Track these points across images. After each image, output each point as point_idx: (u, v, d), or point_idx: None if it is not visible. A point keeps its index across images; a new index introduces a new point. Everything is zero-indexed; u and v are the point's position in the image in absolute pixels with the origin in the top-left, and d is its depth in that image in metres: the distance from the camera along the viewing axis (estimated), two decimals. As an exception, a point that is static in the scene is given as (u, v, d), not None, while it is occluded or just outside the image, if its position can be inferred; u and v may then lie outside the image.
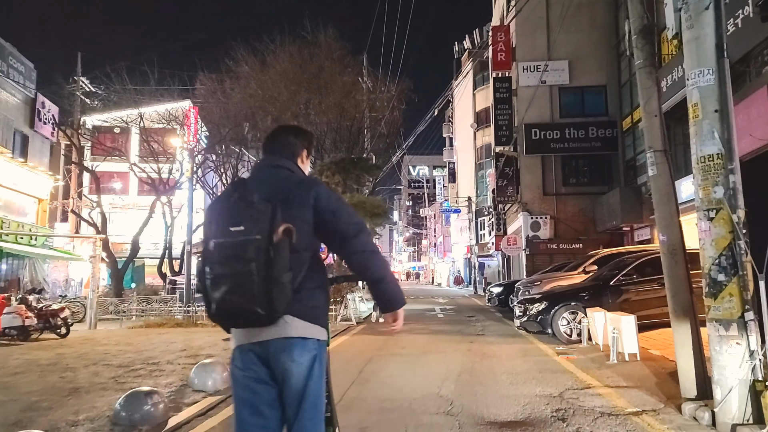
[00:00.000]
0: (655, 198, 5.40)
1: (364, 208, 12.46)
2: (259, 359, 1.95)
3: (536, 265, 21.23)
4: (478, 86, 43.64)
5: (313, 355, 1.96)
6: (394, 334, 11.39)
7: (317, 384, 1.97)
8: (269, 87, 19.30)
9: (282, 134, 2.28)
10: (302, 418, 1.92)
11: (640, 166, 19.30)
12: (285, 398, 1.95)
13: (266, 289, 1.78)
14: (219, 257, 1.84)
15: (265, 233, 1.80)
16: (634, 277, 9.42)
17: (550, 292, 10.45)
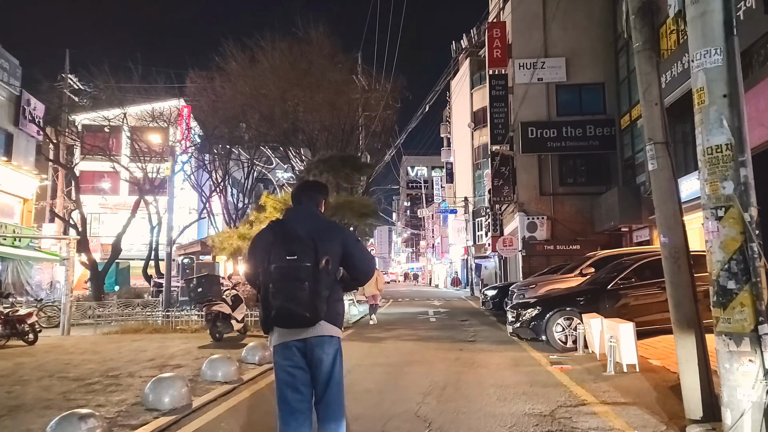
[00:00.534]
0: (656, 195, 4.86)
1: (352, 207, 11.93)
2: (299, 351, 2.73)
3: (533, 267, 20.70)
4: (475, 85, 43.10)
5: (336, 349, 2.81)
6: (381, 340, 10.85)
7: (339, 369, 2.82)
8: (257, 83, 18.75)
9: (309, 189, 3.18)
10: (329, 394, 2.75)
11: (639, 165, 18.77)
12: (316, 379, 2.75)
13: (313, 300, 2.58)
14: (279, 276, 2.60)
15: (313, 261, 2.60)
16: (632, 281, 8.88)
17: (545, 296, 9.90)
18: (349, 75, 21.79)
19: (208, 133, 26.81)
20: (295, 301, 2.57)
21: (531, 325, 9.03)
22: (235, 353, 8.76)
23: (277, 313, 2.63)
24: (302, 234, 2.70)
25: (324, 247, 2.68)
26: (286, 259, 2.61)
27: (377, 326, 13.58)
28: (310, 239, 2.66)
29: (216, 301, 10.83)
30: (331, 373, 2.76)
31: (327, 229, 2.86)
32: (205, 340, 10.85)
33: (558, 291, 10.33)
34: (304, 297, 2.57)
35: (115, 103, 23.12)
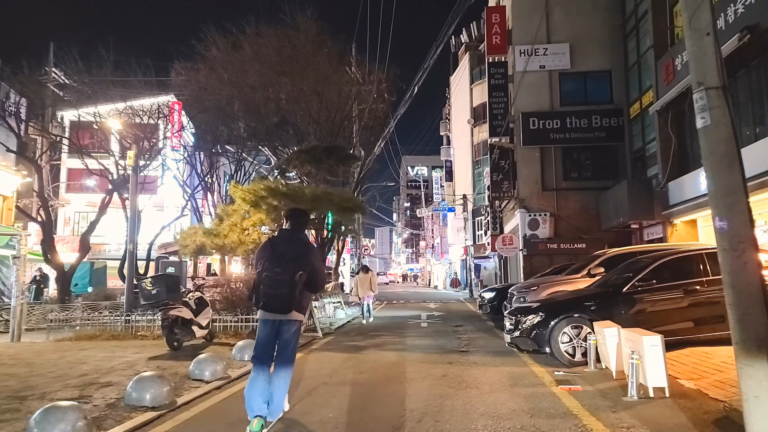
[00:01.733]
0: (709, 162, 3.51)
1: (331, 200, 10.63)
2: (273, 325, 4.42)
3: (534, 267, 19.36)
4: (475, 80, 41.71)
5: (296, 327, 4.54)
6: (360, 350, 9.51)
7: (295, 339, 4.55)
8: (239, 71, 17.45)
9: (296, 217, 4.82)
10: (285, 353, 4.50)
11: (649, 157, 17.40)
12: (279, 342, 4.48)
13: (289, 300, 4.23)
14: (268, 282, 4.24)
15: (291, 276, 4.21)
16: (653, 283, 7.52)
17: (549, 300, 8.55)
18: (338, 62, 20.42)
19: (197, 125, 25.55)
20: (277, 299, 4.25)
21: (532, 335, 7.67)
22: (184, 366, 7.46)
23: (264, 303, 4.32)
24: (287, 255, 4.31)
25: (300, 266, 4.29)
26: (274, 270, 4.25)
27: (360, 333, 12.25)
28: (292, 261, 4.28)
29: (174, 305, 9.50)
30: (288, 340, 4.52)
31: (305, 251, 4.48)
32: (163, 348, 9.53)
33: (564, 294, 8.99)
34: (283, 298, 4.25)
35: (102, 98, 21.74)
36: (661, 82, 15.48)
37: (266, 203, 10.27)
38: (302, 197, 10.47)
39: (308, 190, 11.11)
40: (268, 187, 10.51)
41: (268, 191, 10.23)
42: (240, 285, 11.91)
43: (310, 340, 10.88)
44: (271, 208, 10.35)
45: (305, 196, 10.56)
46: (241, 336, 10.96)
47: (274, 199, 10.23)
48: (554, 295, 9.43)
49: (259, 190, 10.24)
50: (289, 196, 10.38)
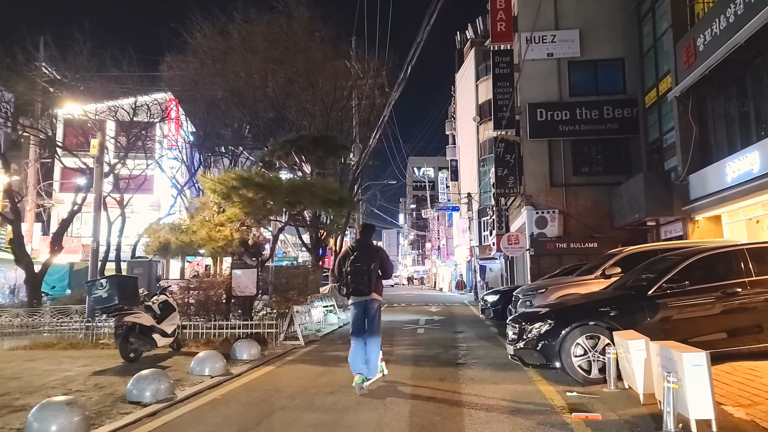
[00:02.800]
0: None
1: (312, 192, 9.45)
2: (360, 304, 6.21)
3: (542, 268, 18.08)
4: (480, 77, 40.38)
5: (378, 305, 6.32)
6: (340, 362, 8.32)
7: (378, 315, 6.37)
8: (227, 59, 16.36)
9: (368, 229, 6.74)
10: (372, 325, 6.25)
11: (667, 149, 16.09)
12: (367, 317, 6.22)
13: (369, 284, 6.06)
14: (353, 274, 6.05)
15: (367, 266, 6.07)
16: (684, 285, 6.25)
17: (559, 305, 7.30)
18: (333, 50, 19.28)
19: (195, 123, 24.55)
20: (361, 285, 6.03)
21: (539, 346, 6.44)
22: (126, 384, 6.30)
23: (353, 290, 6.09)
24: (362, 254, 6.17)
25: (372, 260, 6.14)
26: (355, 265, 6.08)
27: (347, 341, 11.04)
28: (366, 257, 6.14)
29: (131, 310, 8.36)
30: (373, 316, 6.27)
31: (373, 250, 6.37)
32: (119, 360, 8.38)
33: (576, 298, 7.75)
34: (365, 283, 6.03)
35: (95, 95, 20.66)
36: (681, 65, 14.19)
37: (239, 195, 9.15)
38: (279, 188, 9.33)
39: (286, 180, 9.96)
40: (240, 176, 9.38)
41: (240, 181, 9.11)
42: (218, 291, 10.77)
43: (290, 349, 9.71)
44: (246, 201, 9.22)
45: (282, 186, 9.42)
46: (213, 344, 9.81)
47: (248, 190, 9.11)
48: (565, 299, 8.19)
49: (230, 180, 9.12)
50: (264, 186, 9.24)
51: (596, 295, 7.45)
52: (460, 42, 49.05)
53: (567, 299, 7.87)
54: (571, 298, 7.90)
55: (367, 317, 6.21)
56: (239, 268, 10.36)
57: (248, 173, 9.79)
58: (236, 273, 10.33)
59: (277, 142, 12.70)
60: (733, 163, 11.94)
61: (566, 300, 7.77)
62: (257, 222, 9.99)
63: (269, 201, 9.24)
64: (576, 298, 7.67)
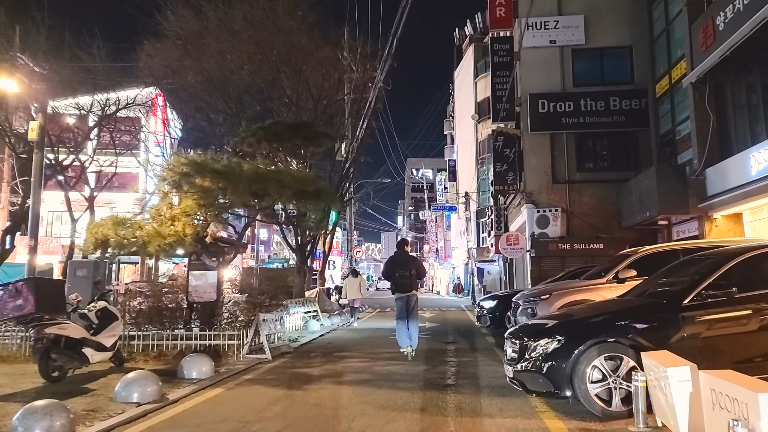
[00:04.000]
0: None
1: (281, 182, 8.05)
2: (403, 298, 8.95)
3: (544, 271, 16.74)
4: (479, 73, 39.15)
5: (416, 298, 9.17)
6: (307, 382, 6.97)
7: (416, 304, 9.17)
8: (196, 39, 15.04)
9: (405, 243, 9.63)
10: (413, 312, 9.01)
11: (680, 141, 14.76)
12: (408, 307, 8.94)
13: (411, 284, 9.00)
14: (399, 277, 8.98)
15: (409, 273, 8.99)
16: (732, 291, 4.90)
17: (569, 316, 5.93)
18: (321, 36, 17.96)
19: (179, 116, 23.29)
20: (405, 286, 8.87)
21: (545, 368, 5.10)
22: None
23: (398, 287, 8.89)
24: (402, 263, 9.03)
25: (410, 267, 8.99)
26: (399, 272, 8.91)
27: (324, 353, 9.72)
28: (405, 265, 8.99)
29: (55, 319, 7.00)
30: (413, 306, 8.92)
31: (410, 260, 9.25)
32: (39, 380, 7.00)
33: (589, 308, 6.39)
34: (407, 283, 8.87)
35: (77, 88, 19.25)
36: (697, 48, 12.88)
37: (193, 184, 7.82)
38: (240, 176, 8.00)
39: (248, 167, 8.61)
40: (192, 161, 8.05)
41: (192, 167, 7.78)
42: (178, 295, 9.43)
43: (253, 364, 8.36)
44: (202, 192, 7.89)
45: (243, 174, 8.08)
46: (166, 358, 8.46)
47: (202, 178, 7.79)
48: (574, 308, 6.83)
49: (180, 166, 7.78)
50: (222, 174, 7.92)
51: (614, 304, 6.09)
52: (459, 38, 47.81)
53: (577, 309, 6.52)
54: (581, 308, 6.54)
55: (408, 307, 8.95)
56: (197, 269, 9.02)
57: (203, 158, 8.43)
58: (193, 275, 8.99)
59: (250, 129, 11.35)
60: (760, 154, 10.60)
61: (576, 309, 6.41)
62: (215, 216, 8.65)
63: (228, 191, 7.91)
64: (588, 308, 6.32)
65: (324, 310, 19.10)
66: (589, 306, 6.50)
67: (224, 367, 8.01)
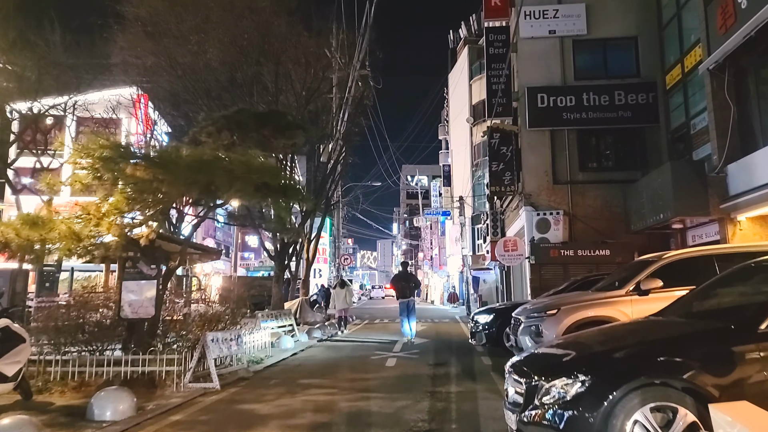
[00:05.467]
0: None
1: (229, 171, 6.52)
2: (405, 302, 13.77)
3: (545, 280, 15.24)
4: (474, 75, 37.91)
5: (415, 301, 14.40)
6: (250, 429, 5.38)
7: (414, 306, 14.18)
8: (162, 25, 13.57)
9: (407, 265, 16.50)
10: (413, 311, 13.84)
11: (696, 136, 13.35)
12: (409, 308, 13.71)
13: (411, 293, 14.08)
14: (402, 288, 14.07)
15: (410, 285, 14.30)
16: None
17: (592, 344, 4.38)
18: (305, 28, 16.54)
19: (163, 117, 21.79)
20: (406, 293, 13.78)
21: (563, 422, 3.58)
22: None
23: (402, 294, 13.83)
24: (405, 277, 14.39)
25: (410, 281, 14.38)
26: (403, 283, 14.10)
27: (286, 380, 8.15)
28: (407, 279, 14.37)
29: None
30: (413, 307, 13.78)
31: (410, 276, 14.95)
32: None
33: (618, 333, 4.87)
34: (408, 292, 13.82)
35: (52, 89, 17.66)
36: (715, 31, 11.50)
37: (119, 173, 6.30)
38: (177, 163, 6.48)
39: (188, 152, 7.09)
40: (115, 144, 6.52)
41: (115, 151, 6.25)
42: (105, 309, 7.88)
43: (195, 396, 6.79)
44: (130, 183, 6.37)
45: (181, 160, 6.56)
46: (88, 389, 6.88)
47: (131, 167, 6.26)
48: (594, 331, 5.29)
49: (99, 149, 6.23)
50: (155, 162, 6.40)
51: (653, 328, 4.56)
52: (453, 41, 46.65)
53: (599, 332, 4.98)
54: (606, 331, 5.01)
55: (408, 308, 13.52)
56: (131, 279, 7.46)
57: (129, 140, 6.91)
58: (127, 286, 7.43)
59: (210, 116, 9.85)
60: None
61: (599, 333, 4.87)
62: (150, 214, 7.11)
63: (165, 182, 6.37)
64: (617, 332, 4.80)
65: (306, 323, 17.61)
66: (617, 329, 4.97)
67: (155, 401, 6.45)
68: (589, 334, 4.82)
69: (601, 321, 7.23)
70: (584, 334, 4.78)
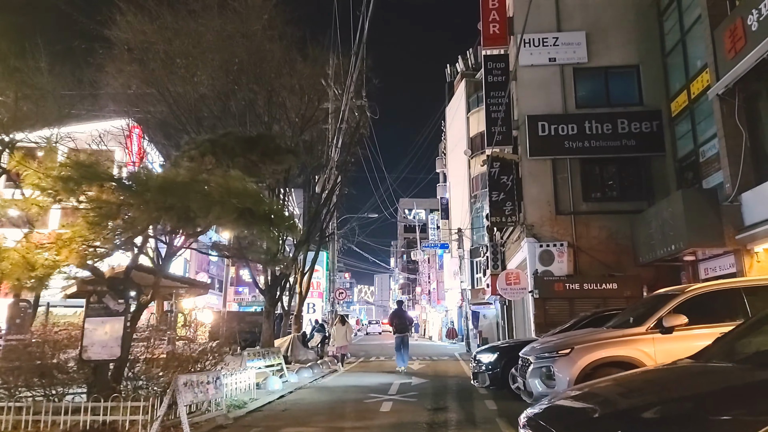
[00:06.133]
0: None
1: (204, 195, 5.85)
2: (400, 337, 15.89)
3: (550, 316, 14.49)
4: (472, 108, 37.91)
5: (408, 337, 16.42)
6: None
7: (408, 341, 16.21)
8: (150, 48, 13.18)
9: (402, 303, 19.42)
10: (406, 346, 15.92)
11: (705, 163, 12.82)
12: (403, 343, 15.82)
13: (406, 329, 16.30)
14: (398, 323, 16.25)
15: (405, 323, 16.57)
16: None
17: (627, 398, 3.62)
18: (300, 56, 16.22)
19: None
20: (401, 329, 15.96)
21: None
22: None
23: (398, 330, 15.99)
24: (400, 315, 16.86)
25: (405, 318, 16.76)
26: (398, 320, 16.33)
27: (269, 430, 7.30)
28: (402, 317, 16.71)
29: None
30: (406, 342, 15.92)
31: (404, 313, 17.39)
32: None
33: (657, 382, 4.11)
34: (402, 328, 16.04)
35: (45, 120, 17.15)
36: (723, 55, 11.12)
37: (80, 195, 5.65)
38: (146, 185, 5.83)
39: (160, 174, 6.46)
40: (79, 164, 5.87)
41: (78, 171, 5.60)
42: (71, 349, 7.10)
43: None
44: (95, 206, 5.70)
45: (151, 182, 5.90)
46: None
47: (96, 189, 5.62)
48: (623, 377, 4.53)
49: (59, 168, 5.56)
50: (123, 185, 5.76)
51: (699, 379, 3.81)
52: (450, 74, 46.91)
53: (630, 380, 4.22)
54: (640, 379, 4.25)
55: (404, 342, 15.61)
56: (97, 315, 6.70)
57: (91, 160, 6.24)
58: (90, 323, 6.66)
59: (194, 140, 9.28)
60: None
61: (630, 381, 4.11)
62: (118, 243, 6.42)
63: (133, 207, 5.71)
64: (654, 380, 4.05)
65: (297, 361, 16.66)
66: (655, 376, 4.19)
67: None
68: (619, 380, 4.07)
69: (619, 362, 6.48)
70: (613, 381, 4.03)
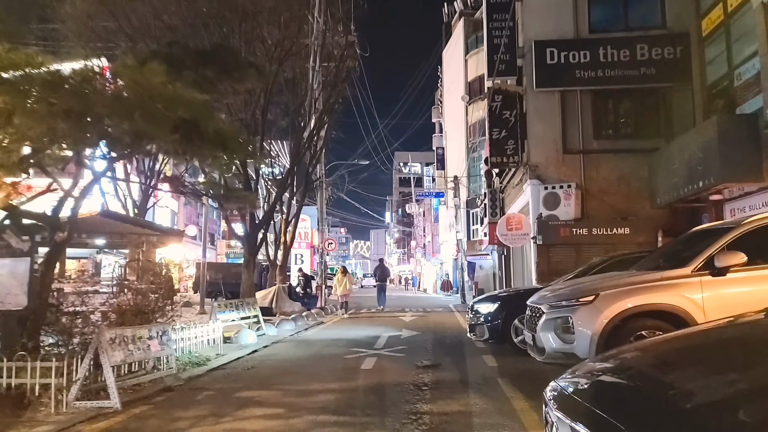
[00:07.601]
0: None
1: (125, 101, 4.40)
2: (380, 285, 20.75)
3: (554, 264, 13.26)
4: (470, 50, 35.62)
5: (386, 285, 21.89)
6: None
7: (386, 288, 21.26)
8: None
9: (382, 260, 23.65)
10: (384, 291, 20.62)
11: (742, 88, 11.14)
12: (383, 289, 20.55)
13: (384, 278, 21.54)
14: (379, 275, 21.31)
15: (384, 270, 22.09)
16: None
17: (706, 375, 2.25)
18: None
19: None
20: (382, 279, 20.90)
21: None
22: None
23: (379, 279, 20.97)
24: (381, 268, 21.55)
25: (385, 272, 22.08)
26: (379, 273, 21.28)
27: (224, 393, 6.00)
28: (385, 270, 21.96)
29: None
30: (384, 288, 20.57)
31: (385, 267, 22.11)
32: None
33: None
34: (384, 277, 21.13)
35: None
36: (771, -45, 9.30)
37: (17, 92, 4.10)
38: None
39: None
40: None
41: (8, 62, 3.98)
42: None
43: (79, 421, 4.66)
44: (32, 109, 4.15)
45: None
46: None
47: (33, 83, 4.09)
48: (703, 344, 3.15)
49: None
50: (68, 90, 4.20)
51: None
52: (448, 14, 44.09)
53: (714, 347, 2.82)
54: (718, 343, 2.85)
55: (383, 288, 20.16)
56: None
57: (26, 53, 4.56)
58: (-15, 265, 5.24)
59: (136, 54, 7.62)
60: None
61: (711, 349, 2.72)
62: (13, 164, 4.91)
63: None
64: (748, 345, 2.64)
65: (282, 313, 15.57)
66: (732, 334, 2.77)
67: (15, 430, 4.31)
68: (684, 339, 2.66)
69: (658, 312, 5.15)
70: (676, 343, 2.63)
